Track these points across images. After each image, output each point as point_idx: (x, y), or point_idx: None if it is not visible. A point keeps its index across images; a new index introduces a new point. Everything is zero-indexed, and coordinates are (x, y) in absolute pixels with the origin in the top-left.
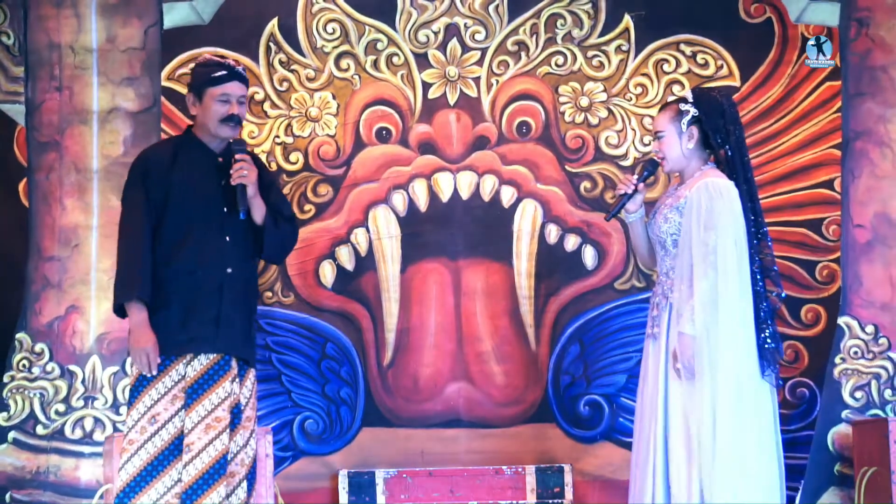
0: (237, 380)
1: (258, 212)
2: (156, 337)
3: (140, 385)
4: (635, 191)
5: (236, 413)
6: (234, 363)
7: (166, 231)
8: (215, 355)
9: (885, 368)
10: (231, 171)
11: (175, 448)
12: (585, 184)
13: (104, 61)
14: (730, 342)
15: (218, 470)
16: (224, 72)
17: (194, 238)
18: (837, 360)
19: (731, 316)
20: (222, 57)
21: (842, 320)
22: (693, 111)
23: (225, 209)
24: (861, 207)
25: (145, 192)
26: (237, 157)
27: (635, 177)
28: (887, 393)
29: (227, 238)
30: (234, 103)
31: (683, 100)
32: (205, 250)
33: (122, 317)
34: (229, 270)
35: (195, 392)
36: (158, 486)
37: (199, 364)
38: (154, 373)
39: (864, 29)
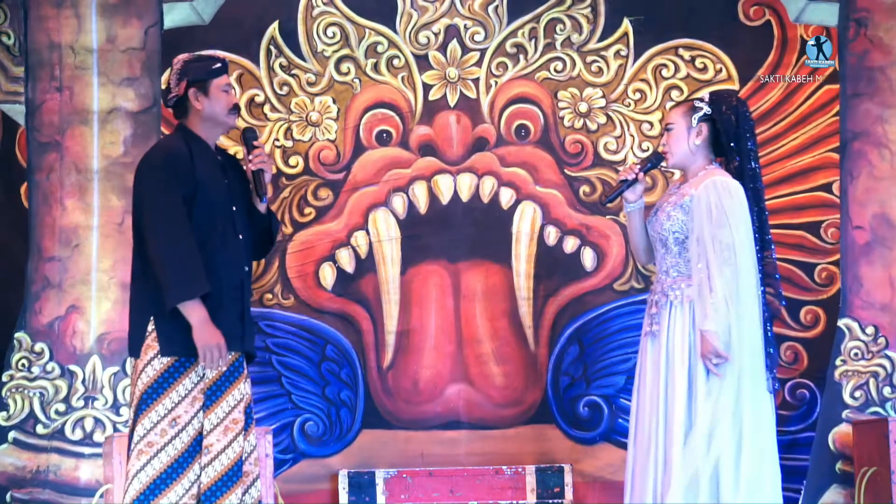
0: (248, 380)
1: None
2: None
3: (160, 387)
4: (636, 179)
5: (247, 413)
6: (244, 362)
7: (193, 229)
8: (232, 356)
9: (883, 366)
10: (251, 157)
11: (194, 449)
12: (584, 188)
13: (104, 61)
14: (749, 339)
15: (236, 472)
16: (220, 64)
17: (217, 236)
18: (838, 361)
19: (752, 312)
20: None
21: (842, 322)
22: (706, 109)
23: (234, 207)
24: (860, 208)
25: (179, 188)
26: (255, 143)
27: (638, 166)
28: (886, 390)
29: (241, 236)
30: (231, 93)
31: (700, 98)
32: (227, 248)
33: (173, 315)
34: (246, 268)
35: (213, 394)
36: (178, 488)
37: None
38: (224, 368)
39: (863, 29)
